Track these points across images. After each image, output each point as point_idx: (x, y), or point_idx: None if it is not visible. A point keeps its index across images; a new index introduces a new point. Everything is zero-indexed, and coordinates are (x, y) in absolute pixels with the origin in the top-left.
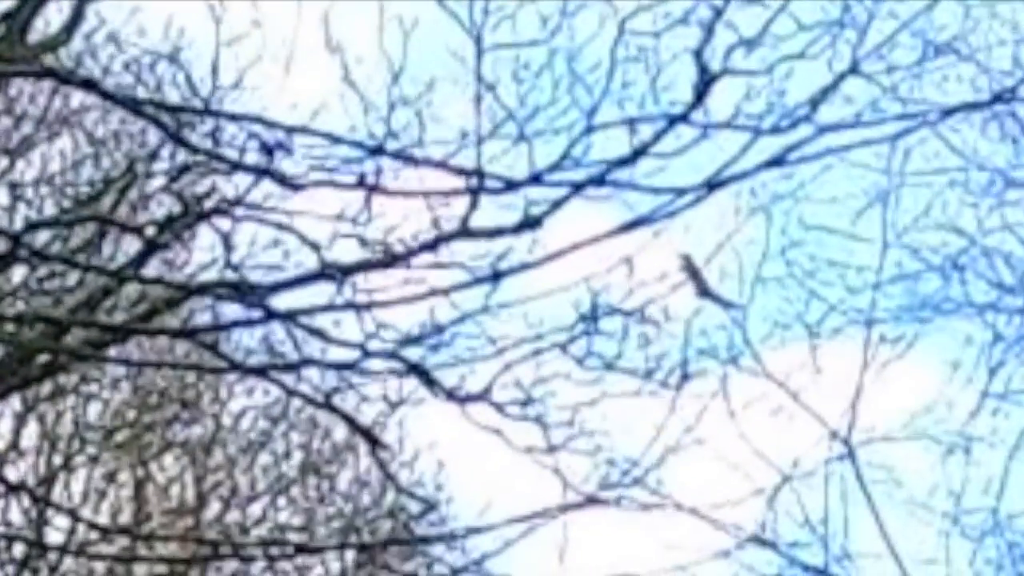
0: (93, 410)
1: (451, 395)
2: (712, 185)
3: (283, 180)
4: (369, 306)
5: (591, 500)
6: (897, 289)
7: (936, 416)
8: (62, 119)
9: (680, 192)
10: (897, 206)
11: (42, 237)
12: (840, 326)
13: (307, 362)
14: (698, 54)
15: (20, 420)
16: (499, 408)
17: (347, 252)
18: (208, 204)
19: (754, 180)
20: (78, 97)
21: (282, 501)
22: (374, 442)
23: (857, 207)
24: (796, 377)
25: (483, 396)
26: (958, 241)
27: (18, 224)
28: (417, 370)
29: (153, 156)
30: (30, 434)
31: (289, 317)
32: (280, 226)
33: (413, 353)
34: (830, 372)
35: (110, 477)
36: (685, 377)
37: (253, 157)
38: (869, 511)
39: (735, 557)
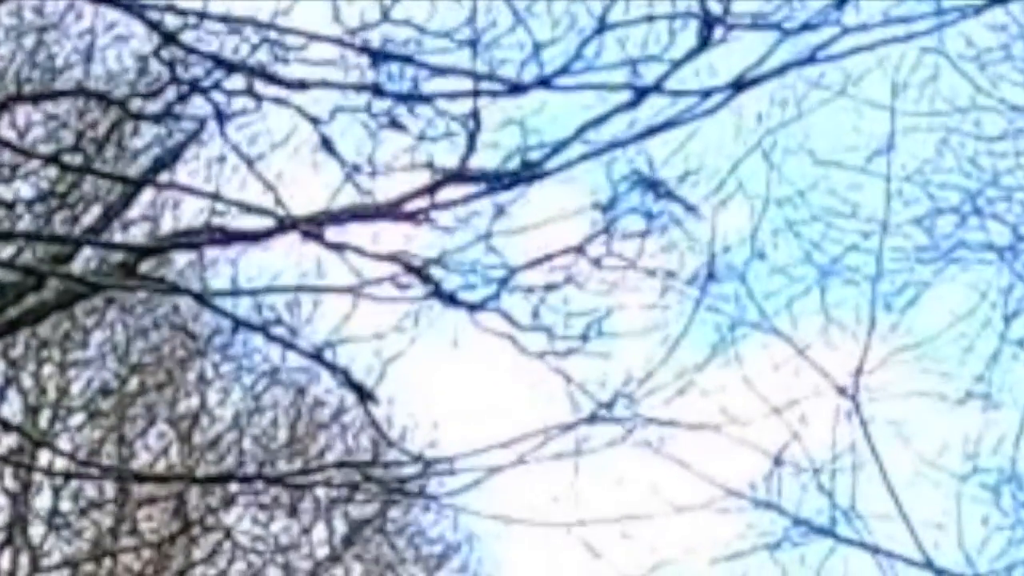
0: (77, 386)
1: (459, 302)
2: (739, 86)
3: (279, 80)
4: (383, 216)
5: (604, 407)
6: (911, 231)
7: (949, 368)
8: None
9: (705, 94)
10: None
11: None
12: (847, 276)
13: (312, 288)
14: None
15: (0, 393)
16: (508, 316)
17: (349, 128)
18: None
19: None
20: (63, 56)
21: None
22: (366, 396)
23: (864, 154)
24: (803, 331)
25: (492, 299)
26: (972, 183)
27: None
28: (427, 279)
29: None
30: (13, 410)
31: (304, 231)
32: (278, 100)
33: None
34: (837, 325)
35: (93, 454)
36: (711, 277)
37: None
38: (877, 470)
39: (738, 516)
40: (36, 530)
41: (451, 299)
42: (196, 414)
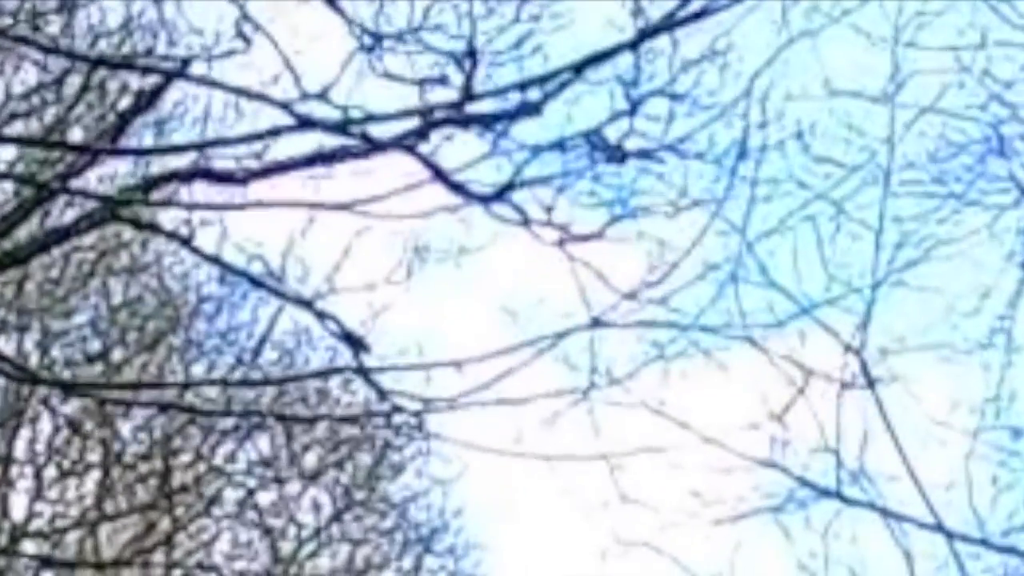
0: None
1: (472, 195)
2: None
3: None
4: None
5: (627, 297)
6: (928, 168)
7: (960, 320)
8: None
9: None
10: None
11: None
12: (851, 227)
13: (311, 205)
14: None
15: None
16: (520, 209)
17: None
18: None
19: None
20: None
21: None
22: (358, 346)
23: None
24: (806, 287)
25: (506, 191)
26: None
27: None
28: (435, 171)
29: None
30: None
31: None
32: None
33: None
34: (842, 281)
35: (75, 427)
36: (742, 156)
37: None
38: (885, 430)
39: (742, 477)
40: (19, 506)
41: (464, 192)
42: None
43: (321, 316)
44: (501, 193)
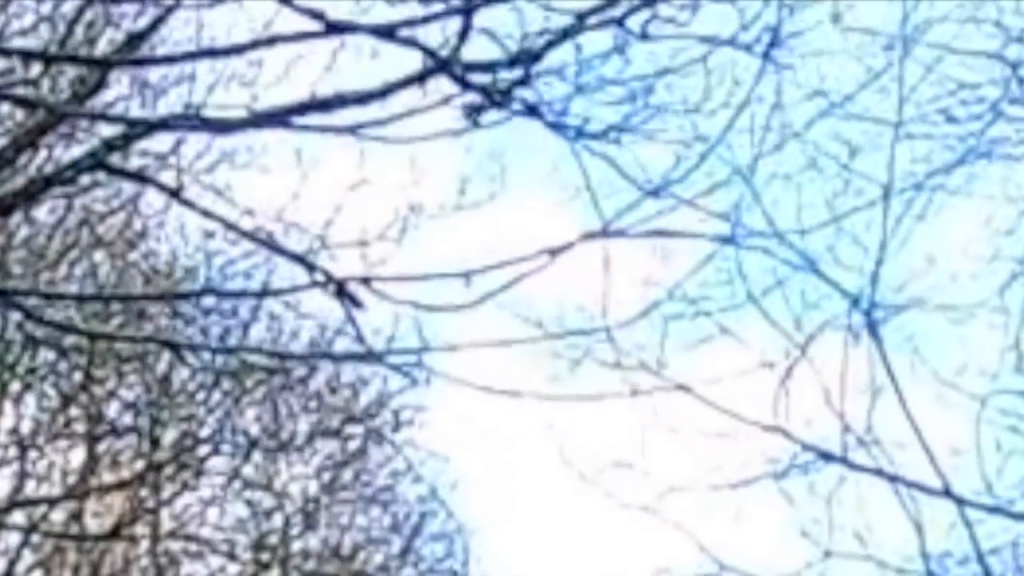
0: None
1: (482, 90)
2: None
3: None
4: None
5: (650, 194)
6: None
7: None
8: None
9: None
10: None
11: None
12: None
13: (314, 130)
14: None
15: None
16: (533, 107)
17: None
18: None
19: None
20: None
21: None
22: (351, 300)
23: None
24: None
25: (518, 85)
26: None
27: None
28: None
29: None
30: None
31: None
32: None
33: None
34: (849, 235)
35: (60, 412)
36: (773, 45)
37: None
38: (892, 392)
39: (744, 442)
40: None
41: (473, 87)
42: (169, 368)
43: (312, 269)
44: (518, 85)
